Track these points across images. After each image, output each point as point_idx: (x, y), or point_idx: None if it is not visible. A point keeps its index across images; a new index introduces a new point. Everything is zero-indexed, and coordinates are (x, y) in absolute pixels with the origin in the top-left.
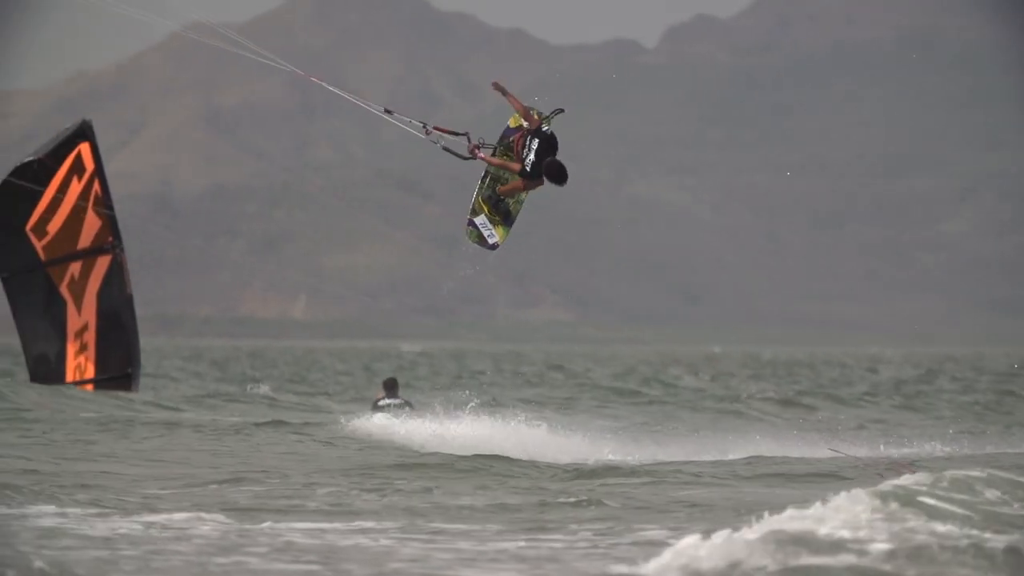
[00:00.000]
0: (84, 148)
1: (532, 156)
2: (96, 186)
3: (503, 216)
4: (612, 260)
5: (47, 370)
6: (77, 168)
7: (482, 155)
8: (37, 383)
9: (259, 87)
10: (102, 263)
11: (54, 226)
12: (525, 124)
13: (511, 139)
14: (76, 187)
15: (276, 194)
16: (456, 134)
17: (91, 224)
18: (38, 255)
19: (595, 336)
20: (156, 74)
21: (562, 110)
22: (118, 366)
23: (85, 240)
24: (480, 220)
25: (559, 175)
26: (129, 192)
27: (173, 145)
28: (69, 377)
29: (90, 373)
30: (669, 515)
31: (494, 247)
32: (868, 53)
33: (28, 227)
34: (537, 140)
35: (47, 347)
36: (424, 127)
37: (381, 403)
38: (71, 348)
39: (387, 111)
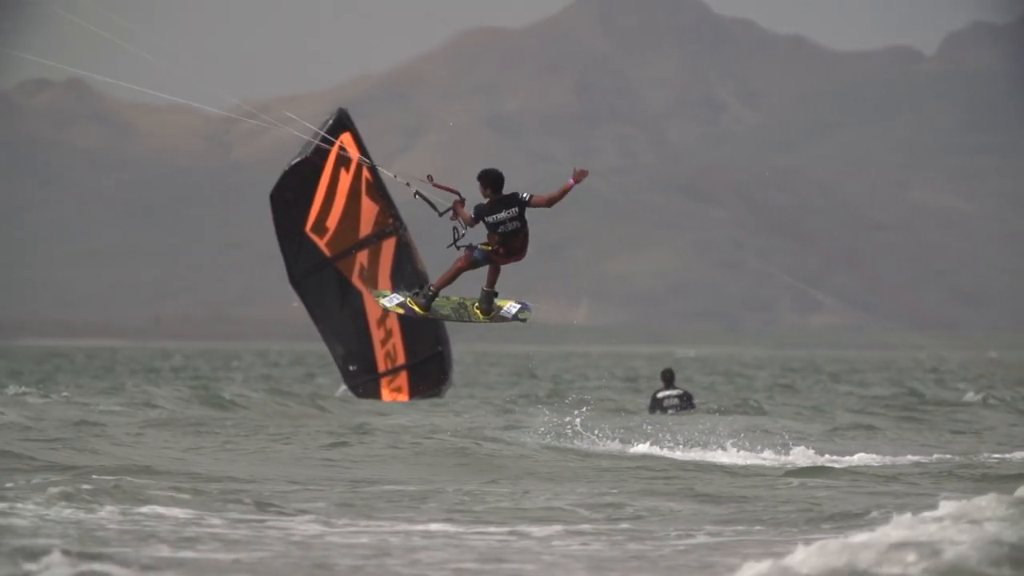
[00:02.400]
0: (346, 138)
1: (507, 212)
2: (365, 172)
3: (493, 295)
4: (893, 265)
5: (358, 367)
6: (343, 159)
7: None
8: (357, 395)
9: (543, 91)
10: (388, 246)
11: (332, 221)
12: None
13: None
14: (346, 178)
15: None
16: (453, 191)
17: (368, 210)
18: (323, 253)
19: (876, 341)
20: (437, 78)
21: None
22: (428, 346)
23: (366, 228)
24: (506, 310)
25: (497, 176)
26: (409, 197)
27: (455, 150)
28: (381, 366)
29: (401, 359)
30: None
31: (525, 306)
32: None
33: (307, 228)
34: (483, 207)
35: (352, 342)
36: (429, 179)
37: (660, 395)
38: (376, 337)
39: (373, 165)
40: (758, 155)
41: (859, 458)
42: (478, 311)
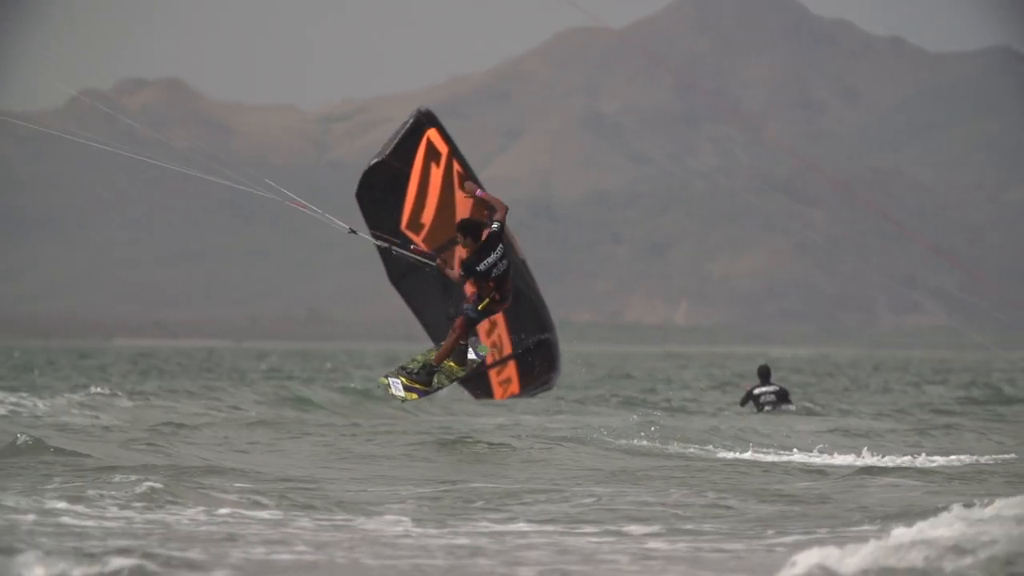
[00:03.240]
0: (432, 134)
1: (495, 254)
2: (456, 165)
3: (467, 347)
4: (993, 266)
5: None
6: (432, 154)
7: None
8: (472, 393)
9: (641, 92)
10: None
11: (427, 216)
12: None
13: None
14: (437, 173)
15: (659, 200)
16: (430, 254)
17: (463, 203)
18: (421, 250)
19: (975, 342)
20: (536, 78)
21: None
22: (533, 333)
23: None
24: (470, 353)
25: (475, 225)
26: (508, 197)
27: (553, 150)
28: (489, 358)
29: (508, 349)
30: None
31: (481, 356)
32: None
33: (403, 226)
34: (471, 260)
35: None
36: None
37: (756, 391)
38: (481, 330)
39: (351, 230)
40: (857, 156)
41: (949, 459)
42: (453, 364)
